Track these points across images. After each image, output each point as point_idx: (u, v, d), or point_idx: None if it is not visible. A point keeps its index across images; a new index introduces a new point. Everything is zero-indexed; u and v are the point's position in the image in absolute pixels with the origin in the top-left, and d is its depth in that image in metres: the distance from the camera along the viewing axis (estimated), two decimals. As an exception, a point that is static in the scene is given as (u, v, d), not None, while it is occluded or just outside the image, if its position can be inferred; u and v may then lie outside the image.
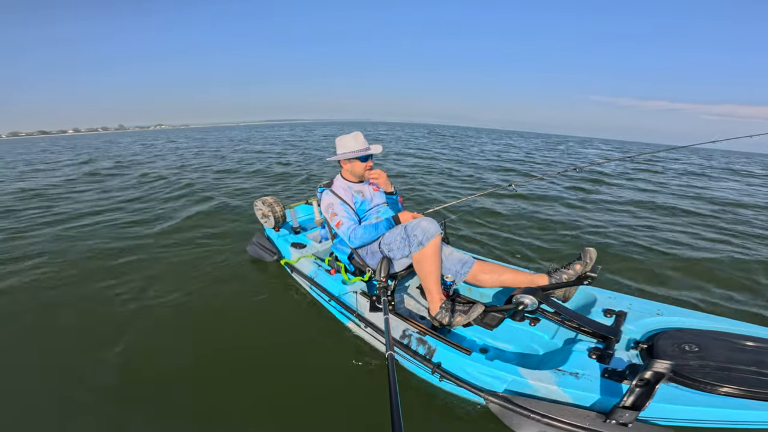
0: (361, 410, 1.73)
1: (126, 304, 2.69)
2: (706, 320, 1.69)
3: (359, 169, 2.16)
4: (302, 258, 2.61)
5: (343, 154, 2.15)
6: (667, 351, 1.46)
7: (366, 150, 2.13)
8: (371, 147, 2.17)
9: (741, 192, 8.24)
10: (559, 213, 5.41)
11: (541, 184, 7.53)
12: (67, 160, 13.60)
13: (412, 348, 1.74)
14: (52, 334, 2.37)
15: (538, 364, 1.70)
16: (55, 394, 1.87)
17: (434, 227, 1.84)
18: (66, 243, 4.01)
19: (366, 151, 2.13)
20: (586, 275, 1.80)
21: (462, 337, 1.93)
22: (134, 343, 2.25)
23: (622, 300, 1.92)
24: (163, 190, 7.04)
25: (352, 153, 2.12)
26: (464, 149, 16.57)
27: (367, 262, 2.12)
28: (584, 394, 1.36)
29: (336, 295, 2.21)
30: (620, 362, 1.49)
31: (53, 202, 6.16)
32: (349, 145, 2.15)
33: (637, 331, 1.70)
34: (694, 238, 4.42)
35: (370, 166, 2.19)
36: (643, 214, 5.60)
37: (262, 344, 2.24)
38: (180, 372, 2.01)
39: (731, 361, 1.38)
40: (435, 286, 1.87)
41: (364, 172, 2.17)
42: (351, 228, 2.04)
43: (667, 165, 13.50)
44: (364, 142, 2.17)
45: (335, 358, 2.06)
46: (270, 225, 3.11)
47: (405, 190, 6.85)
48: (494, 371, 1.50)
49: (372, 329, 1.95)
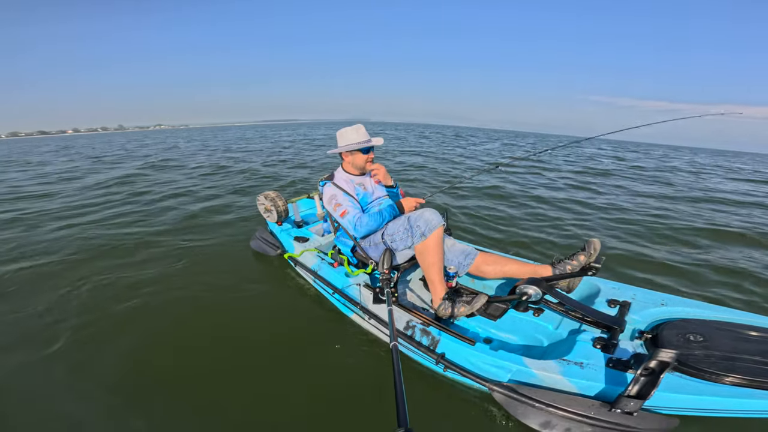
0: (367, 401, 1.75)
1: (126, 298, 2.70)
2: (710, 310, 1.69)
3: (361, 160, 2.15)
4: (305, 251, 2.62)
5: (345, 146, 2.14)
6: (671, 341, 1.46)
7: (368, 141, 2.13)
8: (373, 139, 2.17)
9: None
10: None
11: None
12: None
13: (416, 339, 1.74)
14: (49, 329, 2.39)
15: (542, 354, 1.70)
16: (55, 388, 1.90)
17: (437, 218, 1.84)
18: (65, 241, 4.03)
19: (368, 142, 2.13)
20: (590, 266, 1.80)
21: (465, 328, 1.93)
22: (135, 338, 2.26)
23: (626, 290, 1.92)
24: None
25: (354, 144, 2.12)
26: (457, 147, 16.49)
27: (370, 255, 2.12)
28: (589, 384, 1.37)
29: (339, 287, 2.22)
30: (625, 352, 1.49)
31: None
32: (350, 137, 2.14)
33: (641, 321, 1.70)
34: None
35: (372, 158, 2.19)
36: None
37: (266, 337, 2.25)
38: (181, 366, 2.02)
39: (736, 351, 1.38)
40: (438, 277, 1.87)
41: (365, 164, 2.17)
42: (356, 216, 2.04)
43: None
44: (366, 134, 2.17)
45: (339, 350, 2.07)
46: (273, 219, 3.12)
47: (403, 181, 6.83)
48: (498, 361, 1.51)
49: (376, 321, 1.95)
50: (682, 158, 18.45)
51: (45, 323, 2.42)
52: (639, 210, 5.48)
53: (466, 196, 6.03)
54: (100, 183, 7.69)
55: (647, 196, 6.66)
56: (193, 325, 2.40)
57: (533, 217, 4.94)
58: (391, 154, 12.76)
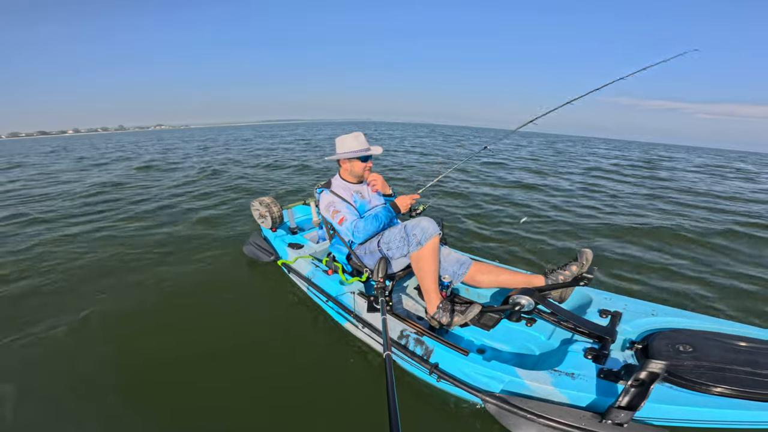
0: (359, 410, 1.73)
1: (118, 302, 2.67)
2: (699, 320, 1.71)
3: (359, 169, 2.16)
4: (299, 258, 2.61)
5: (343, 153, 2.15)
6: (661, 351, 1.47)
7: (366, 150, 2.14)
8: (372, 148, 2.17)
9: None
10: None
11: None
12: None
13: (410, 348, 1.74)
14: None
15: (534, 364, 1.71)
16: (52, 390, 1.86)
17: (433, 227, 1.85)
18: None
19: (367, 151, 2.13)
20: (582, 276, 1.81)
21: (459, 338, 1.93)
22: (125, 342, 2.24)
23: (617, 300, 1.94)
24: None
25: (353, 153, 2.12)
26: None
27: (365, 263, 2.12)
28: (580, 395, 1.37)
29: (333, 295, 2.21)
30: (616, 362, 1.50)
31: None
32: (349, 144, 2.15)
33: (632, 331, 1.71)
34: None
35: (370, 166, 2.19)
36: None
37: (259, 345, 2.23)
38: (174, 372, 2.00)
39: (725, 362, 1.39)
40: (433, 287, 1.87)
41: (363, 173, 2.18)
42: (354, 222, 2.04)
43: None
44: (365, 142, 2.18)
45: (332, 359, 2.06)
46: (267, 225, 3.10)
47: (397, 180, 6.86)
48: (491, 372, 1.51)
49: (369, 330, 1.94)
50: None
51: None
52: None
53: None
54: (93, 184, 7.62)
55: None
56: (184, 331, 2.37)
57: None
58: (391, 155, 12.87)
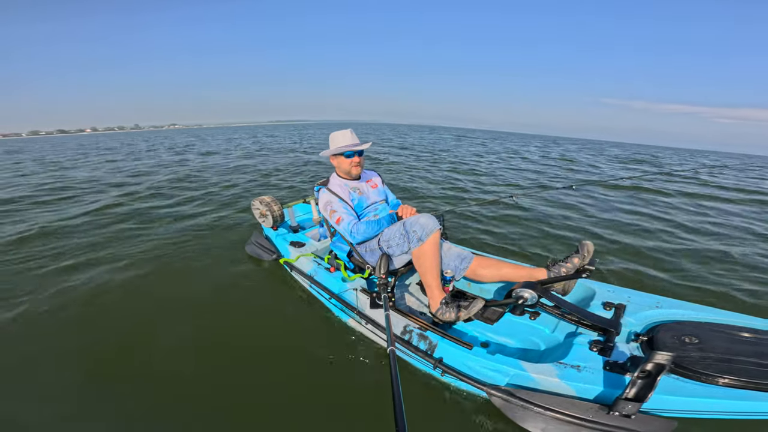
0: (365, 406, 1.73)
1: (119, 300, 2.67)
2: (704, 312, 1.70)
3: (345, 165, 2.14)
4: (301, 256, 2.60)
5: (330, 149, 2.14)
6: (667, 343, 1.47)
7: (352, 146, 2.10)
8: (361, 144, 2.14)
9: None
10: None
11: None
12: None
13: (414, 344, 1.73)
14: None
15: (539, 357, 1.70)
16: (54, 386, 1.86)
17: (433, 223, 1.84)
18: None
19: (350, 147, 2.09)
20: (584, 268, 1.80)
21: (463, 332, 1.93)
22: (128, 340, 2.24)
23: (621, 293, 1.93)
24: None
25: (336, 149, 2.11)
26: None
27: (367, 260, 2.11)
28: (586, 387, 1.37)
29: (336, 292, 2.20)
30: (621, 354, 1.49)
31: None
32: (337, 141, 2.13)
33: (637, 323, 1.71)
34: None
35: (357, 162, 2.14)
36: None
37: (262, 343, 2.23)
38: (177, 370, 2.00)
39: (731, 353, 1.38)
40: (435, 282, 1.86)
41: (351, 168, 2.15)
42: (351, 223, 2.02)
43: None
44: (352, 138, 2.14)
45: (337, 355, 2.05)
46: (268, 224, 3.09)
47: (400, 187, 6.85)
48: (496, 365, 1.50)
49: (373, 326, 1.94)
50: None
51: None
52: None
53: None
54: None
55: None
56: (187, 330, 2.36)
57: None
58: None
